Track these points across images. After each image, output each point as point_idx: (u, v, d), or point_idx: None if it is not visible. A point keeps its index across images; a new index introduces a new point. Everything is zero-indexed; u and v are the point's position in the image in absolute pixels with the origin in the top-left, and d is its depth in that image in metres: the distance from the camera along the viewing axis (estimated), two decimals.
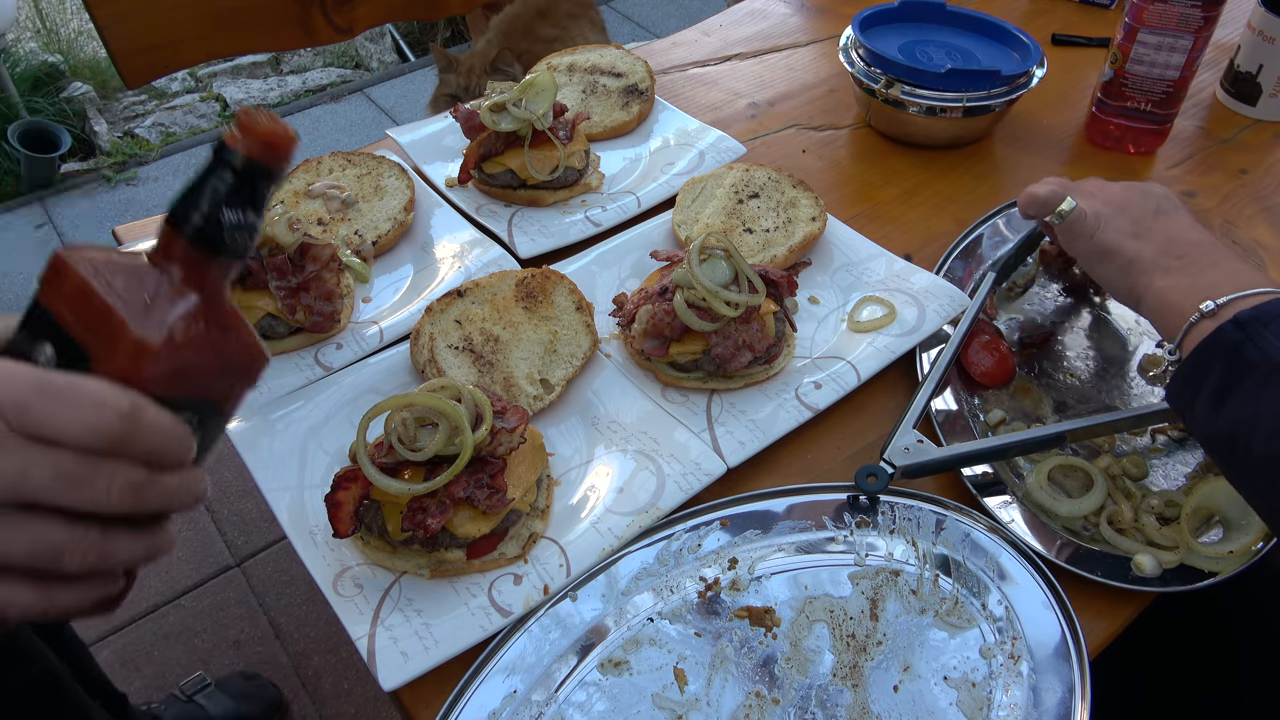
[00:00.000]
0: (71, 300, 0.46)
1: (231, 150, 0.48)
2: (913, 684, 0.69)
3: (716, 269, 0.87)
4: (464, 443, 0.71)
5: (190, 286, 0.49)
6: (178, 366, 0.48)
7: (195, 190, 0.49)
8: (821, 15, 1.59)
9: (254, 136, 0.48)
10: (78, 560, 0.46)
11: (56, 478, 0.45)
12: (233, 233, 0.49)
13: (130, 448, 0.46)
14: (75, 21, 3.67)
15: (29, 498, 0.45)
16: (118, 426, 0.45)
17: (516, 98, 1.09)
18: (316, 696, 1.75)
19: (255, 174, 0.49)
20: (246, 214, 0.49)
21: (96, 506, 0.46)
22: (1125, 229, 0.82)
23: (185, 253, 0.49)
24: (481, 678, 0.70)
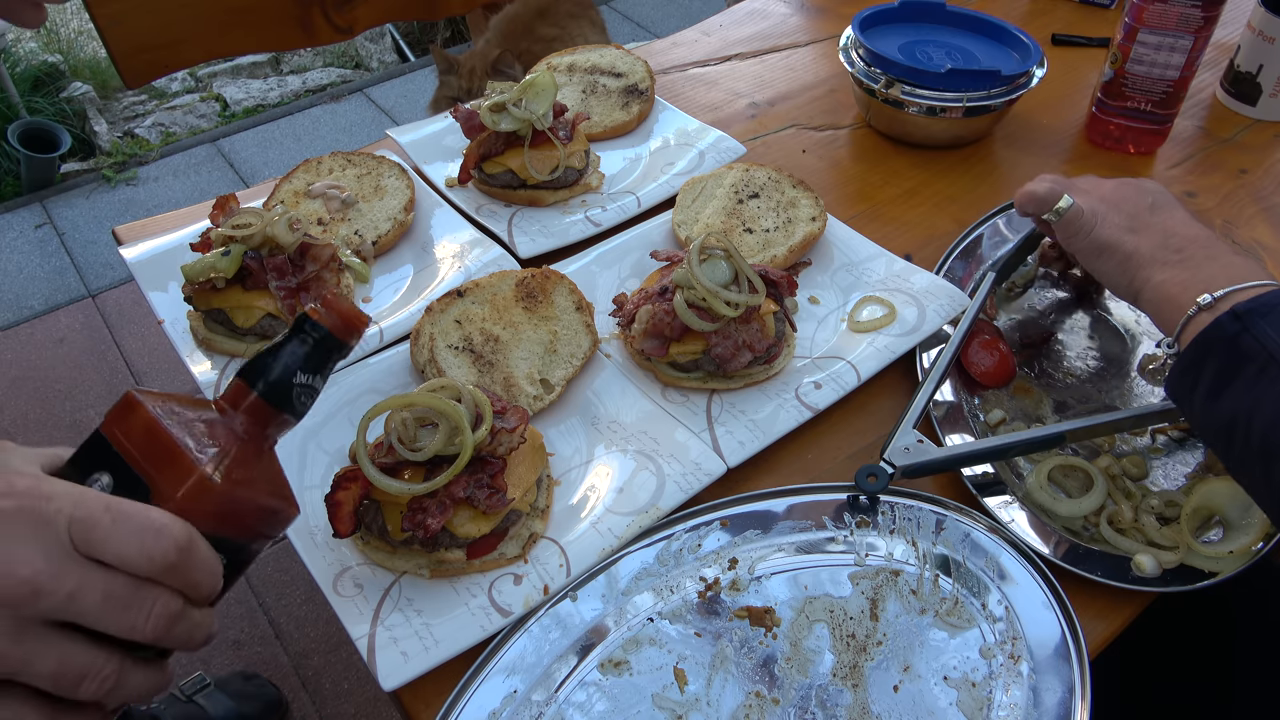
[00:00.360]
0: (139, 436, 0.50)
1: (315, 323, 0.55)
2: (913, 684, 0.69)
3: (716, 269, 0.87)
4: (464, 443, 0.71)
5: (250, 437, 0.54)
6: (230, 508, 0.51)
7: (273, 353, 0.55)
8: (821, 15, 1.59)
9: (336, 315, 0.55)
10: (94, 687, 0.47)
11: (105, 599, 0.46)
12: (299, 394, 0.55)
13: (176, 577, 0.48)
14: (75, 21, 3.67)
15: (73, 617, 0.46)
16: (174, 555, 0.48)
17: (516, 98, 1.09)
18: (316, 696, 1.75)
19: (330, 346, 0.55)
20: (314, 380, 0.55)
21: (131, 632, 0.47)
22: (1122, 224, 0.82)
23: (253, 406, 0.54)
24: (481, 678, 0.70)
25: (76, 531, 0.46)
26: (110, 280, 2.75)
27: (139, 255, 1.05)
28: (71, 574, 0.46)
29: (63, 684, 0.47)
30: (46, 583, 0.45)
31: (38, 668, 0.46)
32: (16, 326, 2.60)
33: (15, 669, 0.45)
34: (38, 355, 2.51)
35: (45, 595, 0.45)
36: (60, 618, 0.46)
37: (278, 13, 1.67)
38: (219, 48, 1.70)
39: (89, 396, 2.39)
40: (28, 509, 0.46)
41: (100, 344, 2.54)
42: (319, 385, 0.56)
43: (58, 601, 0.45)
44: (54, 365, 2.48)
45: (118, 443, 0.51)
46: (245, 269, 0.91)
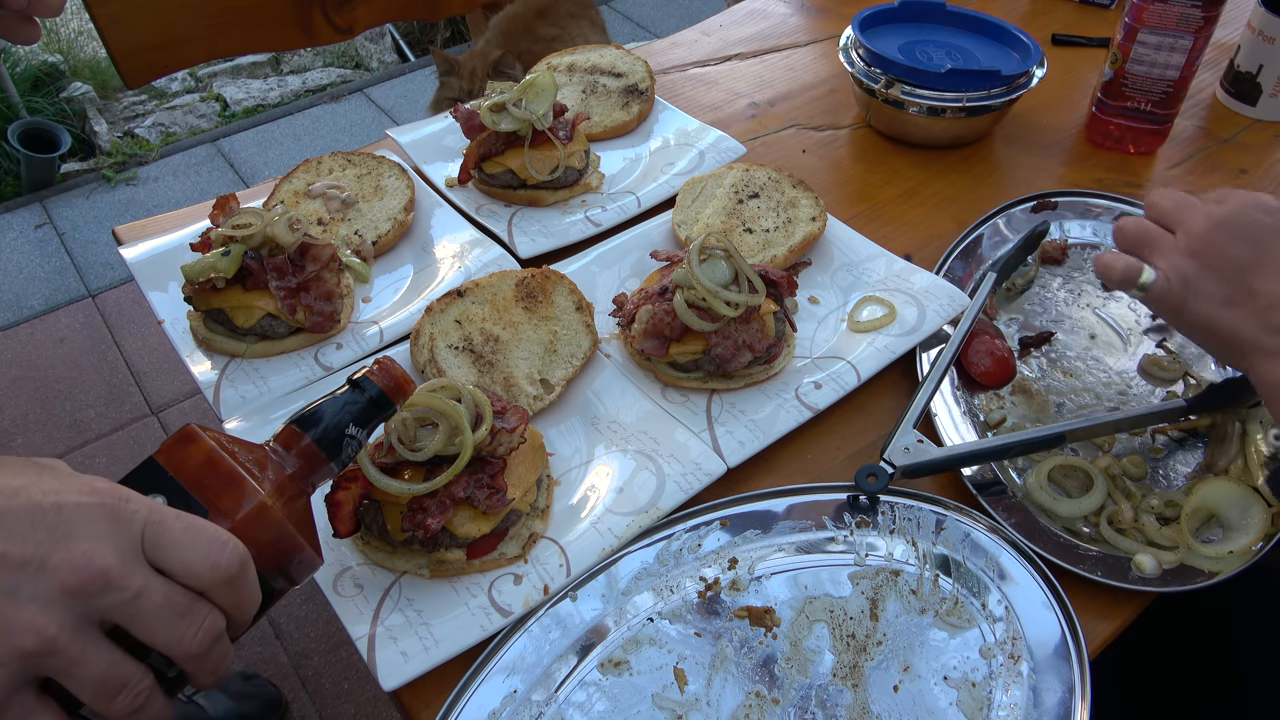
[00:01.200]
0: (197, 463, 0.53)
1: (371, 382, 0.61)
2: (913, 684, 0.69)
3: (716, 269, 0.87)
4: (464, 443, 0.71)
5: (298, 479, 0.58)
6: (278, 539, 0.54)
7: (331, 404, 0.60)
8: (821, 15, 1.59)
9: (390, 378, 0.61)
10: (128, 701, 0.48)
11: (165, 604, 0.48)
12: (348, 445, 0.60)
13: (228, 594, 0.51)
14: (75, 21, 3.67)
15: (129, 618, 0.47)
16: (235, 568, 0.50)
17: (516, 98, 1.09)
18: (316, 696, 1.75)
19: (381, 405, 0.61)
20: (360, 434, 0.60)
21: (178, 643, 0.49)
22: (1216, 295, 0.71)
23: (305, 451, 0.58)
24: (481, 678, 0.70)
25: (150, 534, 0.48)
26: (110, 280, 2.75)
27: (139, 255, 1.05)
28: (139, 574, 0.47)
29: (103, 690, 0.47)
30: (118, 577, 0.46)
31: (88, 668, 0.46)
32: (16, 326, 2.60)
33: (65, 667, 0.46)
34: (38, 355, 2.51)
35: (114, 589, 0.46)
36: (118, 618, 0.47)
37: (278, 13, 1.67)
38: (219, 48, 1.69)
39: (89, 396, 2.39)
40: (108, 506, 0.47)
41: (100, 344, 2.54)
42: (364, 440, 0.61)
43: (124, 599, 0.47)
44: (54, 365, 2.48)
45: (174, 468, 0.53)
46: (245, 269, 0.91)
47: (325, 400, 0.60)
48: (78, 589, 0.46)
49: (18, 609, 0.45)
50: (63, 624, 0.45)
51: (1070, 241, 1.10)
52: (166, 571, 0.48)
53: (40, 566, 0.45)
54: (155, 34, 1.57)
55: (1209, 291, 0.71)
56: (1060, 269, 1.07)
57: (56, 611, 0.45)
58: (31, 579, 0.45)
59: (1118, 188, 1.19)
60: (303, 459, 0.58)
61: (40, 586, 0.45)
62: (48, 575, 0.45)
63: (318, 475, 0.59)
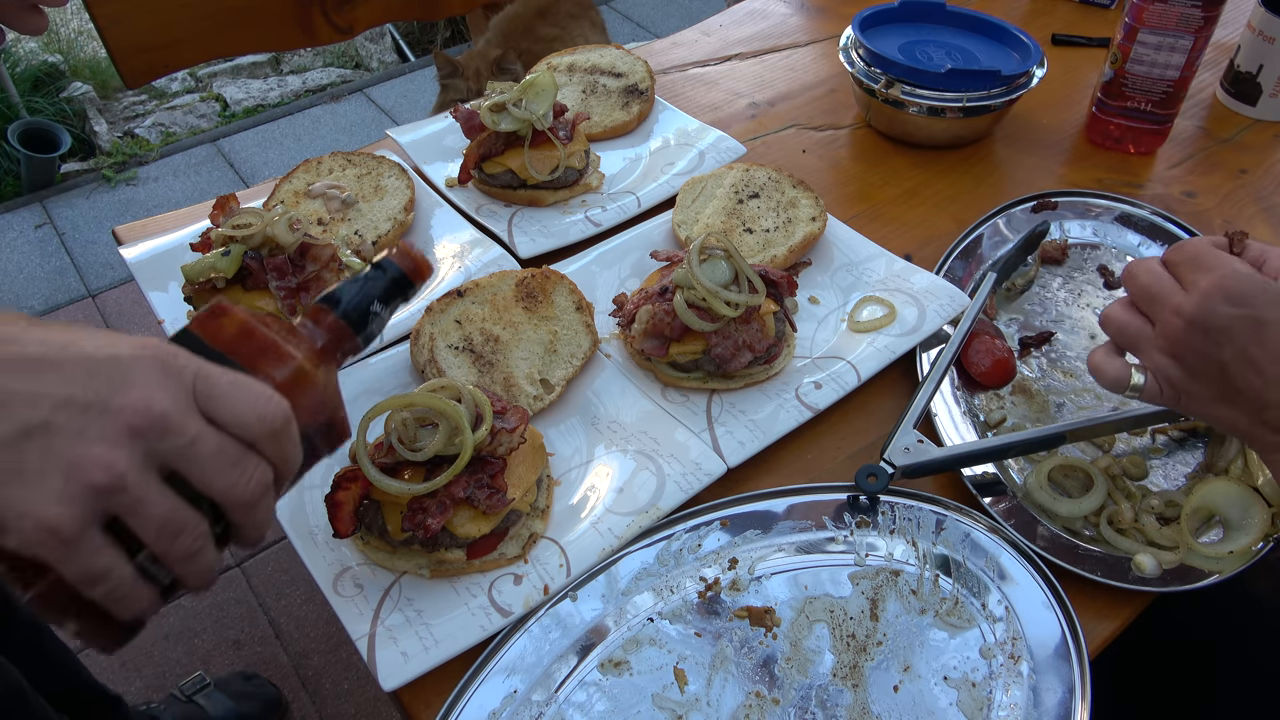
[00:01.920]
0: (234, 333, 0.55)
1: (392, 263, 0.63)
2: (913, 684, 0.69)
3: (716, 269, 0.87)
4: (464, 443, 0.71)
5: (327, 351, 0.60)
6: (314, 403, 0.57)
7: (354, 283, 0.62)
8: (821, 15, 1.59)
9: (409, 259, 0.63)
10: (188, 543, 0.50)
11: (219, 452, 0.50)
12: (372, 320, 0.62)
13: (275, 447, 0.52)
14: (75, 21, 3.67)
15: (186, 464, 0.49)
16: (281, 422, 0.52)
17: (517, 98, 1.09)
18: (316, 696, 1.74)
19: (402, 285, 0.63)
20: (384, 312, 0.63)
21: (231, 489, 0.51)
22: (1205, 395, 0.70)
23: (334, 325, 0.60)
24: (481, 678, 0.70)
25: (200, 386, 0.50)
26: (110, 280, 2.75)
27: (139, 255, 1.05)
28: (194, 421, 0.49)
29: (166, 531, 0.49)
30: (176, 422, 0.48)
31: (153, 509, 0.48)
32: None
33: (132, 506, 0.48)
34: None
35: (173, 433, 0.48)
36: (176, 463, 0.49)
37: (278, 13, 1.67)
38: (219, 48, 1.69)
39: None
40: (160, 359, 0.49)
41: None
42: (386, 318, 0.63)
43: (182, 444, 0.49)
44: None
45: (210, 337, 0.55)
46: (245, 269, 0.91)
47: (349, 280, 0.63)
48: (141, 430, 0.47)
49: (88, 447, 0.46)
50: (130, 463, 0.47)
51: (1070, 241, 1.10)
52: (216, 423, 0.50)
53: (104, 409, 0.47)
54: (155, 34, 1.57)
55: (1197, 393, 0.70)
56: (1060, 269, 1.07)
57: (123, 451, 0.47)
58: (98, 420, 0.47)
59: (1118, 188, 1.19)
60: (331, 333, 0.60)
61: (107, 428, 0.47)
62: (112, 417, 0.47)
63: (345, 349, 0.61)
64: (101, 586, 0.48)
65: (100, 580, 0.48)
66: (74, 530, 0.46)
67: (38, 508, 0.45)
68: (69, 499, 0.46)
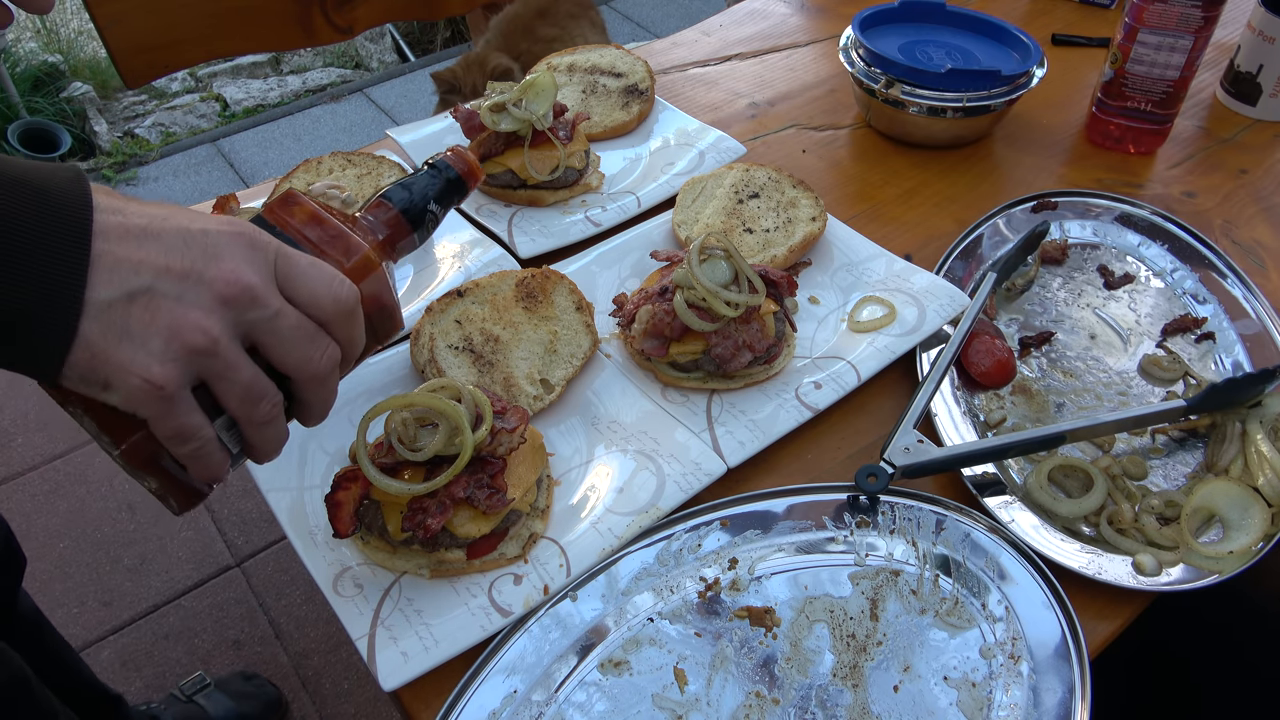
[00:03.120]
0: (305, 219, 0.58)
1: (448, 165, 0.66)
2: (913, 684, 0.69)
3: (716, 269, 0.87)
4: (464, 443, 0.71)
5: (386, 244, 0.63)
6: (377, 290, 0.59)
7: (412, 182, 0.65)
8: (821, 15, 1.59)
9: (464, 162, 0.67)
10: (266, 410, 0.54)
11: (297, 326, 0.53)
12: (429, 218, 0.65)
13: (345, 328, 0.56)
14: (75, 21, 3.67)
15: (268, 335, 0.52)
16: (352, 303, 0.55)
17: (516, 98, 1.09)
18: (316, 696, 1.74)
19: (456, 186, 0.67)
20: (439, 211, 0.66)
21: (307, 363, 0.54)
22: None
23: (393, 219, 0.63)
24: (481, 678, 0.70)
25: (281, 264, 0.53)
26: None
27: None
28: (276, 296, 0.52)
29: (249, 396, 0.53)
30: (262, 295, 0.51)
31: (239, 374, 0.52)
32: None
33: (222, 370, 0.51)
34: None
35: (259, 305, 0.51)
36: (258, 334, 0.52)
37: (278, 13, 1.67)
38: (219, 48, 1.69)
39: None
40: (246, 235, 0.52)
41: None
42: (440, 217, 0.66)
43: (266, 316, 0.52)
44: None
45: (282, 224, 0.58)
46: None
47: (409, 177, 0.66)
48: (231, 299, 0.50)
49: (186, 311, 0.49)
50: (222, 329, 0.50)
51: (1070, 241, 1.10)
52: (293, 301, 0.53)
53: (199, 278, 0.50)
54: (155, 34, 1.57)
55: None
56: (1060, 269, 1.07)
57: (216, 318, 0.50)
58: (194, 288, 0.49)
59: (1118, 188, 1.19)
60: (390, 227, 0.63)
61: (202, 295, 0.50)
62: (206, 286, 0.50)
63: (402, 244, 0.64)
64: (189, 444, 0.52)
65: (189, 438, 0.51)
66: (173, 388, 0.49)
67: (143, 365, 0.48)
68: (170, 359, 0.49)
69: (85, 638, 1.81)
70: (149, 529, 2.00)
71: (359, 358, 0.61)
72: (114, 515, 2.01)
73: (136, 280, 0.48)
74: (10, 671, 1.07)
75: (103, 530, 1.98)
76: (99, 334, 0.47)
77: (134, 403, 0.49)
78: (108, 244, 0.48)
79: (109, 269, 0.48)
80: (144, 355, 0.48)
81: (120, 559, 1.94)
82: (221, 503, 2.06)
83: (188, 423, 0.51)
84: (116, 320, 0.48)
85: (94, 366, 0.48)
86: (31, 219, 0.46)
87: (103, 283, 0.47)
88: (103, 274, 0.47)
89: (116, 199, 0.50)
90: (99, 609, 1.85)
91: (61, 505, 2.03)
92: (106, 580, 1.90)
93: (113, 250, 0.48)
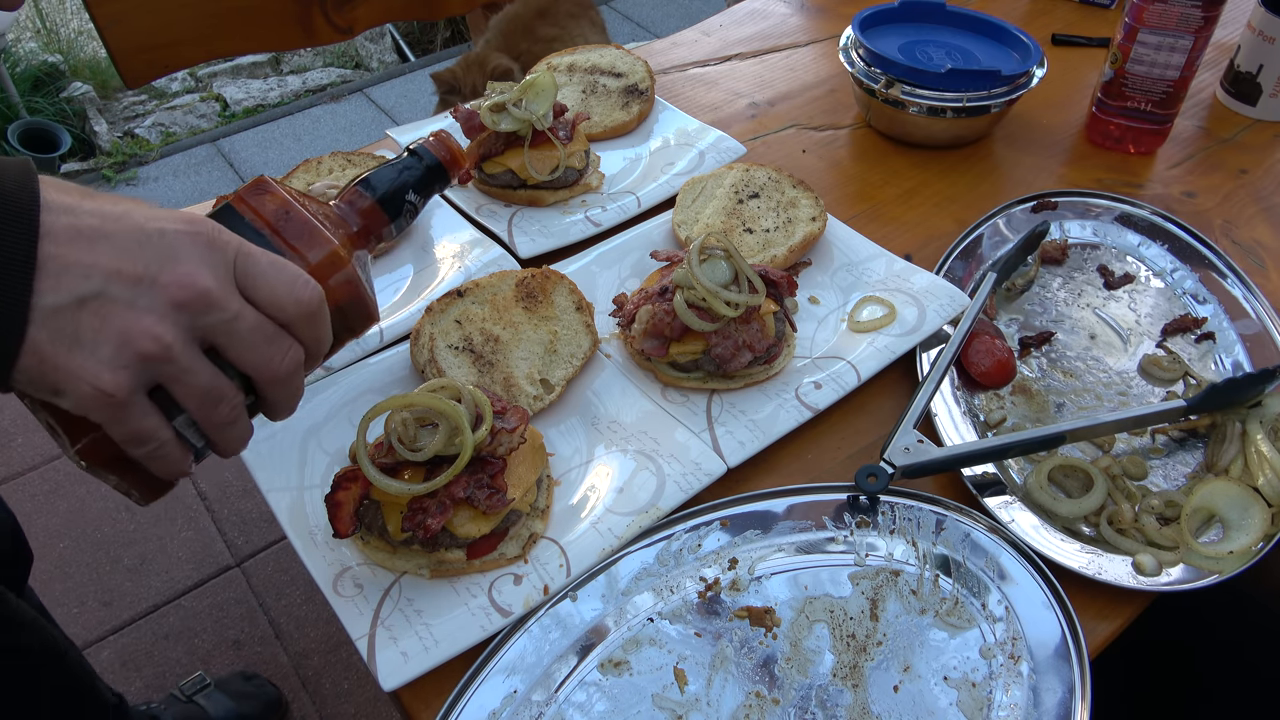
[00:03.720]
0: (273, 211, 0.56)
1: (428, 151, 0.64)
2: (913, 684, 0.69)
3: (716, 269, 0.87)
4: (464, 443, 0.71)
5: (361, 235, 0.61)
6: (346, 286, 0.58)
7: (391, 169, 0.63)
8: (821, 15, 1.59)
9: (445, 149, 0.64)
10: (225, 412, 0.53)
11: (257, 329, 0.52)
12: (407, 208, 0.63)
13: (307, 329, 0.55)
14: (75, 21, 3.67)
15: (225, 338, 0.52)
16: (315, 304, 0.54)
17: (516, 98, 1.09)
18: (316, 696, 1.74)
19: (436, 173, 0.64)
20: (418, 201, 0.64)
21: (267, 365, 0.53)
22: None
23: (369, 210, 0.62)
24: (481, 678, 0.70)
25: (240, 264, 0.52)
26: None
27: None
28: (235, 298, 0.51)
29: (208, 399, 0.52)
30: (219, 298, 0.50)
31: (196, 378, 0.51)
32: None
33: (177, 374, 0.50)
34: None
35: (215, 309, 0.50)
36: (216, 337, 0.51)
37: (278, 13, 1.67)
38: (219, 48, 1.69)
39: None
40: (205, 235, 0.51)
41: None
42: (419, 207, 0.65)
43: (223, 319, 0.51)
44: None
45: (249, 214, 0.56)
46: None
47: (386, 165, 0.64)
48: (185, 304, 0.49)
49: (138, 318, 0.48)
50: (175, 334, 0.49)
51: (1070, 241, 1.10)
52: (254, 302, 0.52)
53: (153, 282, 0.49)
54: (155, 34, 1.57)
55: None
56: (1060, 269, 1.07)
57: (169, 323, 0.49)
58: (147, 293, 0.49)
59: (1118, 188, 1.19)
60: (366, 218, 0.62)
61: (155, 300, 0.49)
62: (159, 290, 0.49)
63: (379, 234, 0.63)
64: (144, 447, 0.51)
65: (144, 441, 0.51)
66: (124, 395, 0.48)
67: (92, 373, 0.47)
68: (121, 366, 0.48)
69: (85, 638, 1.81)
70: (149, 529, 2.00)
71: (331, 351, 0.60)
72: (114, 515, 2.01)
73: (86, 285, 0.47)
74: (42, 640, 1.07)
75: (103, 530, 1.98)
76: (47, 340, 0.46)
77: (85, 409, 0.49)
78: (56, 246, 0.46)
79: (57, 273, 0.46)
80: (94, 362, 0.47)
81: (120, 559, 1.94)
82: (221, 503, 2.06)
83: (142, 426, 0.50)
84: (66, 326, 0.47)
85: (43, 373, 0.47)
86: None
87: (50, 289, 0.46)
88: (50, 279, 0.46)
89: (70, 195, 0.49)
90: (99, 609, 1.85)
91: (61, 505, 2.03)
92: (106, 580, 1.90)
93: (62, 254, 0.47)
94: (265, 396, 0.56)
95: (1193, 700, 0.88)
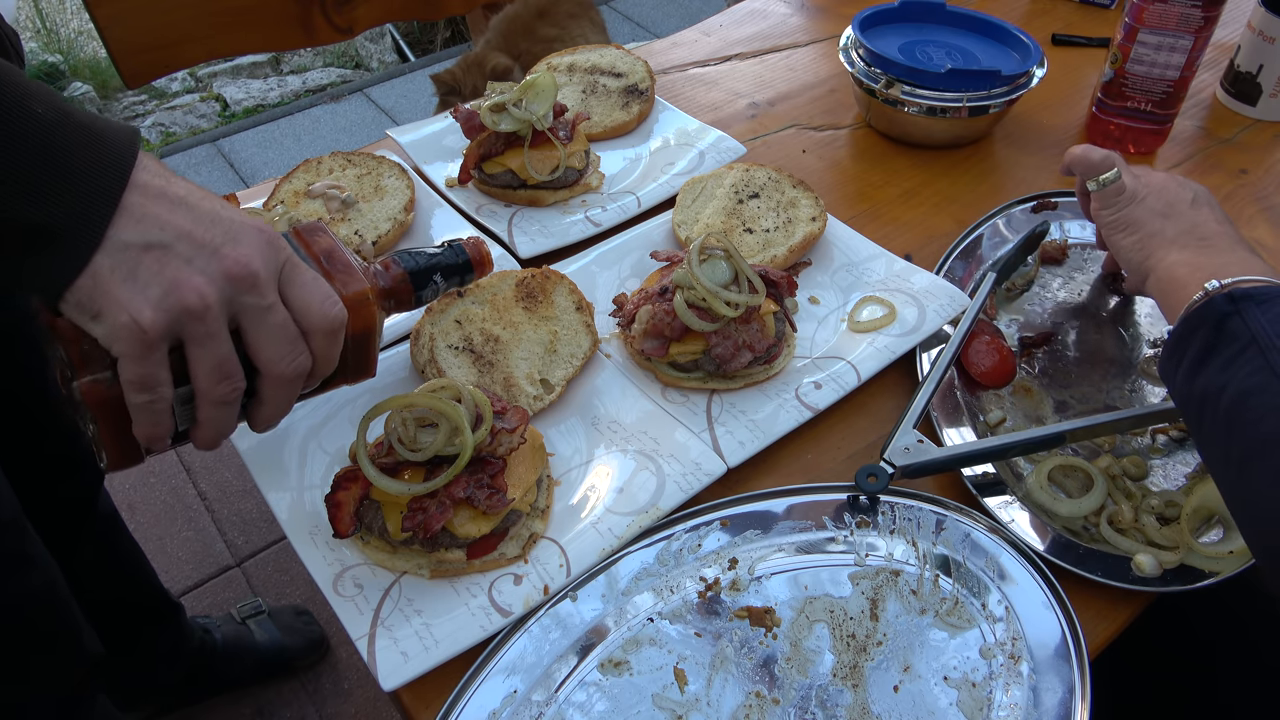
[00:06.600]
0: (324, 248, 0.65)
1: (462, 248, 0.75)
2: (913, 684, 0.69)
3: (716, 269, 0.87)
4: (464, 443, 0.72)
5: (386, 296, 0.70)
6: (363, 329, 0.65)
7: (427, 252, 0.74)
8: (821, 15, 1.59)
9: (478, 252, 0.76)
10: (227, 389, 0.57)
11: (281, 326, 0.58)
12: (431, 287, 0.73)
13: (323, 344, 0.60)
14: (75, 21, 3.67)
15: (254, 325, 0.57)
16: (339, 323, 0.60)
17: (517, 98, 1.09)
18: (316, 696, 1.75)
19: (464, 268, 0.75)
20: (442, 284, 0.74)
21: (278, 361, 0.58)
22: (1157, 208, 0.85)
23: (400, 276, 0.71)
24: (481, 678, 0.70)
25: (287, 270, 0.58)
26: None
27: None
28: (274, 292, 0.57)
29: (218, 371, 0.56)
30: (263, 284, 0.56)
31: (217, 347, 0.56)
32: None
33: (203, 337, 0.55)
34: None
35: (256, 292, 0.56)
36: (246, 320, 0.56)
37: (278, 13, 1.67)
38: (219, 48, 1.69)
39: None
40: (268, 234, 0.58)
41: None
42: (441, 289, 0.74)
43: (259, 304, 0.56)
44: None
45: (303, 244, 0.64)
46: None
47: (425, 248, 0.73)
48: (235, 278, 0.55)
49: (191, 274, 0.54)
50: (217, 299, 0.54)
51: (1070, 241, 1.10)
52: (287, 303, 0.58)
53: (214, 252, 0.55)
54: (155, 34, 1.57)
55: (1152, 205, 0.86)
56: (1060, 269, 1.07)
57: (215, 288, 0.54)
58: (207, 257, 0.54)
59: None
60: (395, 282, 0.70)
61: (210, 265, 0.54)
62: (218, 259, 0.55)
63: (400, 299, 0.71)
64: (146, 394, 0.55)
65: (150, 388, 0.54)
66: (154, 335, 0.53)
67: (136, 306, 0.52)
68: (162, 309, 0.53)
69: None
70: (149, 529, 1.99)
71: (325, 385, 0.65)
72: None
73: (158, 235, 0.53)
74: (44, 578, 1.08)
75: None
76: (108, 268, 0.52)
77: (114, 338, 0.52)
78: (143, 198, 0.53)
79: (138, 218, 0.52)
80: (140, 299, 0.52)
81: None
82: (221, 503, 2.06)
83: (154, 373, 0.54)
84: (128, 262, 0.52)
85: (94, 296, 0.52)
86: (83, 152, 0.51)
87: (128, 227, 0.52)
88: (130, 221, 0.52)
89: (166, 171, 0.55)
90: None
91: None
92: None
93: (145, 205, 0.53)
94: (263, 395, 0.60)
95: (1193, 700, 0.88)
